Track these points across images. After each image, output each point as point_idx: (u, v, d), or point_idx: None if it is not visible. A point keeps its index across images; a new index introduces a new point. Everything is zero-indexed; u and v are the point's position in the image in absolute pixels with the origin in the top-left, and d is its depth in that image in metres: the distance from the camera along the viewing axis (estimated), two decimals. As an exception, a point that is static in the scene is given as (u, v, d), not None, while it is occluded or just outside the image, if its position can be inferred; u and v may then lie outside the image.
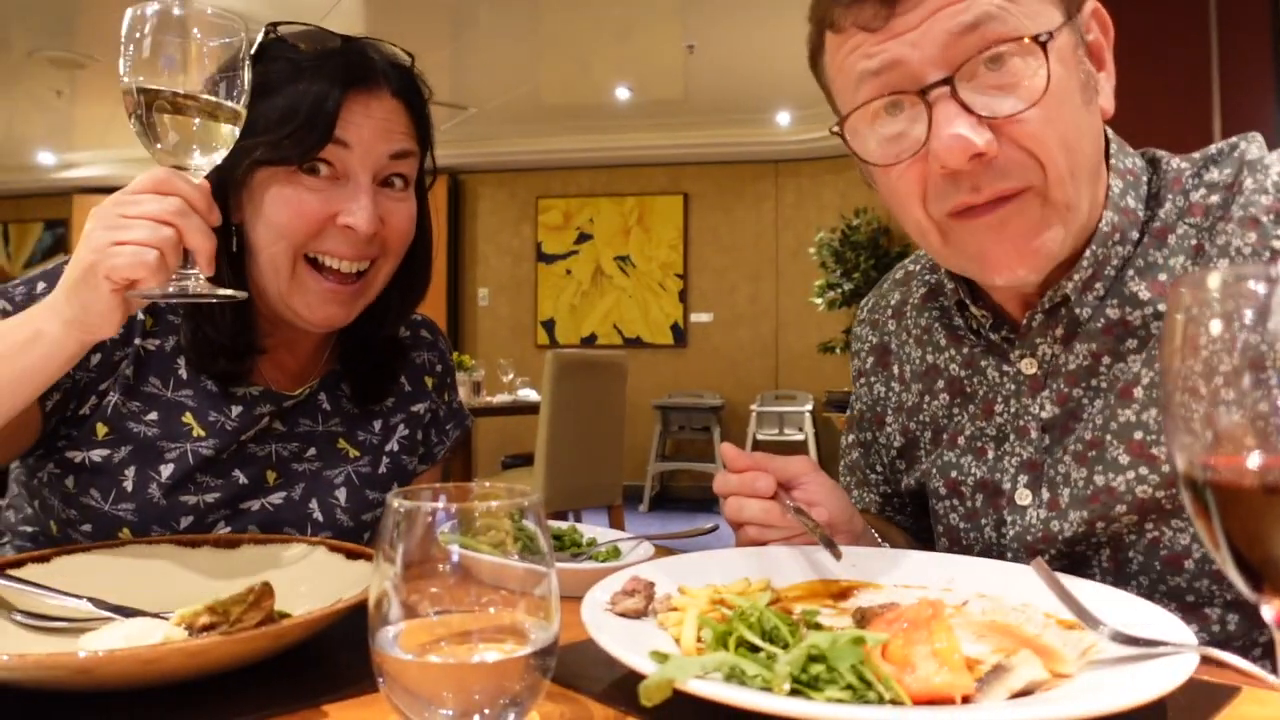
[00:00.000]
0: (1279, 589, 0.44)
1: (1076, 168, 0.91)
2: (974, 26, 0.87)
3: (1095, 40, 0.97)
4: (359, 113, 1.16)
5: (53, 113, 7.97)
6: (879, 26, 0.90)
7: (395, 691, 0.56)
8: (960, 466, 1.14)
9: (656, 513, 8.34)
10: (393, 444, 1.37)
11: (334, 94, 1.14)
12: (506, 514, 0.57)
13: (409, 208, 1.24)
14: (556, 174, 9.30)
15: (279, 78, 1.14)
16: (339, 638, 0.86)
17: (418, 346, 1.46)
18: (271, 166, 1.14)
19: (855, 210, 8.26)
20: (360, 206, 1.15)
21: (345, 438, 1.33)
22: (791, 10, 6.67)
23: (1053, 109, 0.88)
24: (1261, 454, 0.42)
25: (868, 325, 1.33)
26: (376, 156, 1.17)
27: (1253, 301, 0.43)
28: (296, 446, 1.29)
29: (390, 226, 1.20)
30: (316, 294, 1.18)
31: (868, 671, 0.62)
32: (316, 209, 1.15)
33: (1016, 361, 1.06)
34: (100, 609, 0.89)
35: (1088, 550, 1.03)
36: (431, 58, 7.17)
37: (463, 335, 9.48)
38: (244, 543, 1.05)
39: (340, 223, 1.15)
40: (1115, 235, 0.98)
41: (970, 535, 1.14)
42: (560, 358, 4.71)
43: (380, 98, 1.19)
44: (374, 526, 1.30)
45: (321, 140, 1.13)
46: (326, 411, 1.33)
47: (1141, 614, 0.77)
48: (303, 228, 1.15)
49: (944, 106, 0.88)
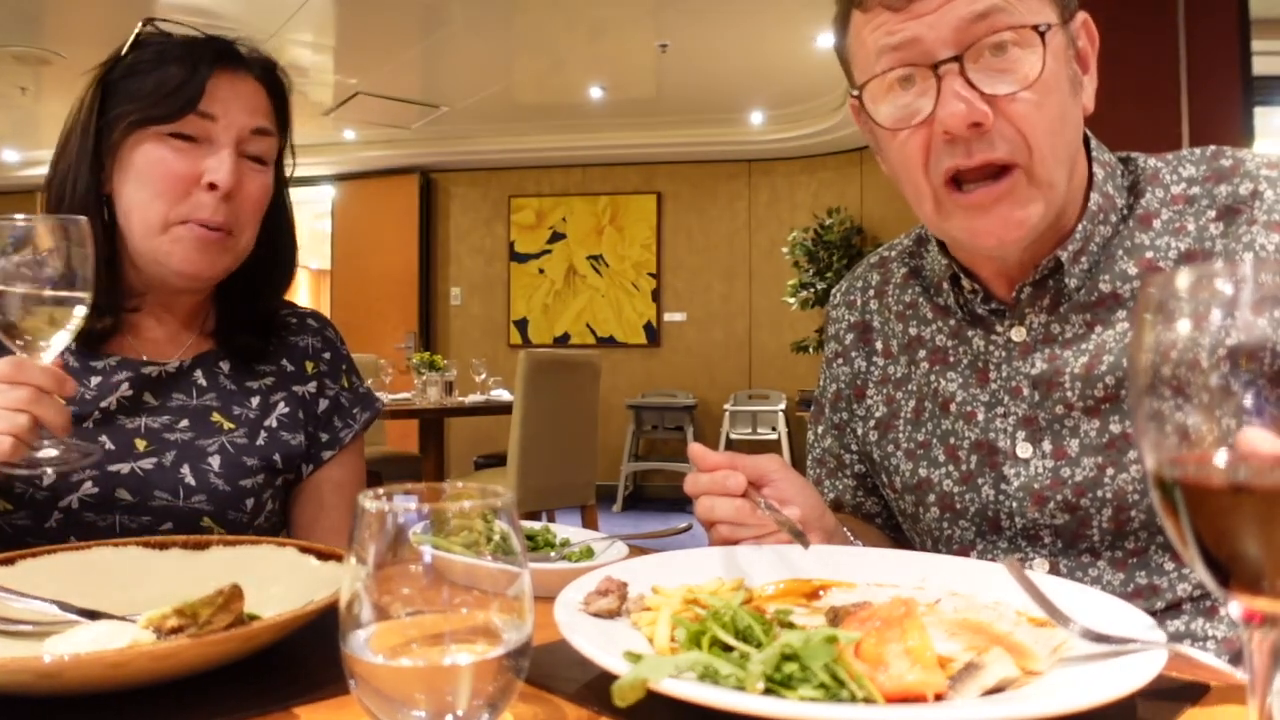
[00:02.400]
0: (1246, 586, 0.45)
1: (1058, 149, 1.03)
2: (984, 15, 0.99)
3: (1083, 47, 1.09)
4: (225, 88, 1.29)
5: (17, 110, 7.85)
6: (901, 7, 1.02)
7: (367, 694, 0.55)
8: (956, 431, 1.18)
9: (630, 513, 8.34)
10: (272, 420, 1.40)
11: (202, 69, 1.27)
12: (479, 514, 0.57)
13: (264, 180, 1.36)
14: (529, 173, 9.29)
15: (153, 59, 1.29)
16: (310, 640, 0.85)
17: (301, 331, 1.53)
18: (143, 129, 1.26)
19: (828, 210, 8.30)
20: (221, 163, 1.27)
21: (220, 411, 1.37)
22: (764, 11, 6.68)
23: (1043, 94, 1.01)
24: (1229, 453, 0.43)
25: (843, 307, 1.38)
26: (239, 127, 1.30)
27: (1221, 301, 0.43)
28: (168, 419, 1.33)
29: (246, 193, 1.32)
30: (187, 242, 1.28)
31: (841, 670, 0.62)
32: (183, 168, 1.26)
33: (1006, 330, 1.15)
34: (66, 612, 0.87)
35: (1092, 506, 1.07)
36: (403, 56, 7.13)
37: (435, 335, 9.45)
38: (213, 544, 1.04)
39: (204, 181, 1.26)
40: (1100, 215, 1.10)
41: (966, 498, 1.17)
42: (533, 357, 4.70)
43: (244, 78, 1.33)
44: (258, 494, 1.34)
45: (189, 103, 1.26)
46: (201, 387, 1.38)
47: (1111, 612, 0.77)
48: (170, 186, 1.26)
49: (951, 80, 1.00)
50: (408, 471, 5.79)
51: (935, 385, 1.22)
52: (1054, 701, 0.57)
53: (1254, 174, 1.06)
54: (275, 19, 6.15)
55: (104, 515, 1.24)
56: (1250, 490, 0.43)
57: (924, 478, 1.21)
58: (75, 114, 1.32)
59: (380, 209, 9.52)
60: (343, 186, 9.78)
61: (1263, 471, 0.42)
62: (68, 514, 1.22)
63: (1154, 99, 3.86)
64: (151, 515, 1.26)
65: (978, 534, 1.17)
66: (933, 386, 1.22)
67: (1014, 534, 1.13)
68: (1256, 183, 1.06)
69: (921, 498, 1.22)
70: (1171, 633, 1.05)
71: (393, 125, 8.64)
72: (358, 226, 9.73)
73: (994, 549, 1.15)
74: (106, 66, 1.32)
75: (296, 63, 7.17)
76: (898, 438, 1.25)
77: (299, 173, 1.50)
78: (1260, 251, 1.03)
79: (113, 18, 6.19)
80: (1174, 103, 3.88)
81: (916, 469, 1.22)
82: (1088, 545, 1.09)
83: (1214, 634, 1.05)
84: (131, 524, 1.25)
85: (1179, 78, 3.89)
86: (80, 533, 1.22)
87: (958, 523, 1.18)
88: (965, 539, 1.18)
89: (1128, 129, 1.52)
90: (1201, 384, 0.43)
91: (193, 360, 1.39)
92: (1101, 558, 1.09)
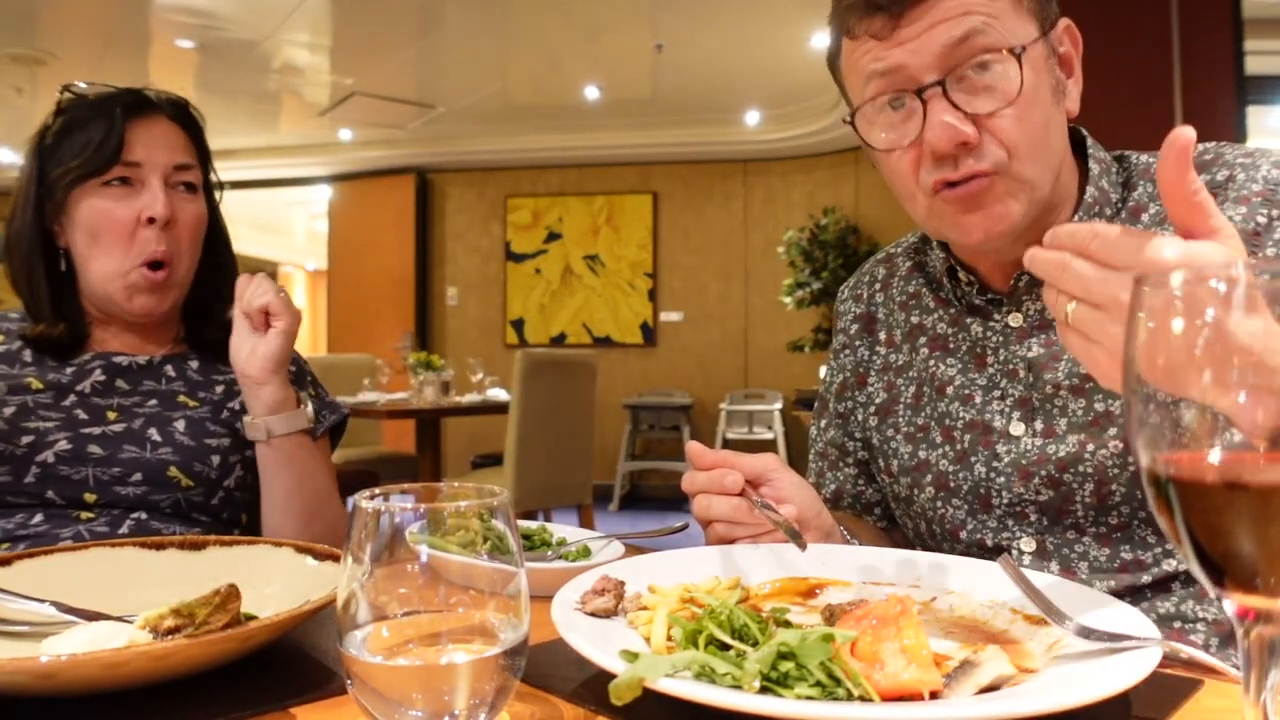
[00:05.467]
0: (1240, 584, 0.45)
1: (1039, 154, 1.08)
2: (964, 39, 1.04)
3: (1066, 52, 1.14)
4: (142, 133, 1.45)
5: (13, 110, 7.84)
6: (886, 35, 1.07)
7: (364, 693, 0.55)
8: (950, 413, 1.22)
9: (626, 512, 8.34)
10: (235, 403, 1.52)
11: (118, 121, 1.43)
12: (476, 514, 0.57)
13: (197, 208, 1.52)
14: (525, 173, 9.28)
15: (75, 121, 1.45)
16: (307, 640, 0.85)
17: None
18: (81, 185, 1.43)
19: (824, 209, 8.30)
20: (154, 198, 1.44)
21: (186, 394, 1.51)
22: (759, 11, 6.69)
23: (1025, 108, 1.05)
24: (1222, 450, 0.43)
25: (850, 300, 1.45)
26: (163, 166, 1.46)
27: (1214, 299, 0.43)
28: (138, 399, 1.47)
29: (181, 222, 1.48)
30: (138, 287, 1.46)
31: (837, 668, 0.63)
32: (124, 212, 1.44)
33: (1004, 317, 1.20)
34: (63, 613, 0.87)
35: (1074, 481, 1.10)
36: (399, 56, 7.14)
37: (431, 335, 9.44)
38: (209, 544, 1.04)
39: (144, 217, 1.43)
40: (1095, 208, 1.16)
41: (959, 476, 1.19)
42: (530, 357, 4.70)
43: (158, 121, 1.49)
44: (223, 453, 1.46)
45: (114, 155, 1.42)
46: (170, 377, 1.52)
47: (1106, 609, 0.78)
48: (117, 230, 1.44)
49: (936, 103, 1.05)
50: (404, 471, 5.79)
51: (934, 370, 1.26)
52: (1049, 699, 0.58)
53: (1230, 161, 1.11)
54: (271, 19, 6.14)
55: (77, 469, 1.35)
56: (1244, 487, 0.43)
57: (922, 459, 1.24)
58: (20, 182, 1.49)
59: (376, 209, 9.51)
60: (339, 187, 9.77)
61: (1257, 468, 0.42)
62: (44, 468, 1.34)
63: (1148, 98, 3.87)
64: (121, 466, 1.37)
65: (968, 513, 1.19)
66: (931, 371, 1.26)
67: (1002, 512, 1.16)
68: (1232, 169, 1.10)
69: (918, 479, 1.24)
70: (1162, 613, 1.07)
71: (389, 125, 8.64)
72: (354, 227, 9.72)
73: (983, 528, 1.18)
74: (39, 136, 1.48)
75: (293, 63, 7.17)
76: (897, 422, 1.29)
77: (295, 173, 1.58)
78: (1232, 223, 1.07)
79: (107, 18, 6.19)
80: (1168, 102, 3.89)
81: (916, 451, 1.25)
82: (1072, 521, 1.12)
83: (1204, 616, 1.06)
84: (103, 475, 1.36)
85: (1173, 77, 3.90)
86: (56, 486, 1.35)
87: (950, 501, 1.20)
88: (956, 518, 1.20)
89: (1122, 128, 1.54)
90: (1195, 381, 0.43)
91: (163, 357, 1.54)
92: (1086, 534, 1.11)
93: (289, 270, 16.31)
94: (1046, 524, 1.13)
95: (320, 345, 11.99)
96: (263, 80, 7.55)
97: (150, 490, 1.38)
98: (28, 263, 1.48)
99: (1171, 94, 3.91)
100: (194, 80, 7.51)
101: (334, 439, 1.63)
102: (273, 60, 7.05)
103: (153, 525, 1.37)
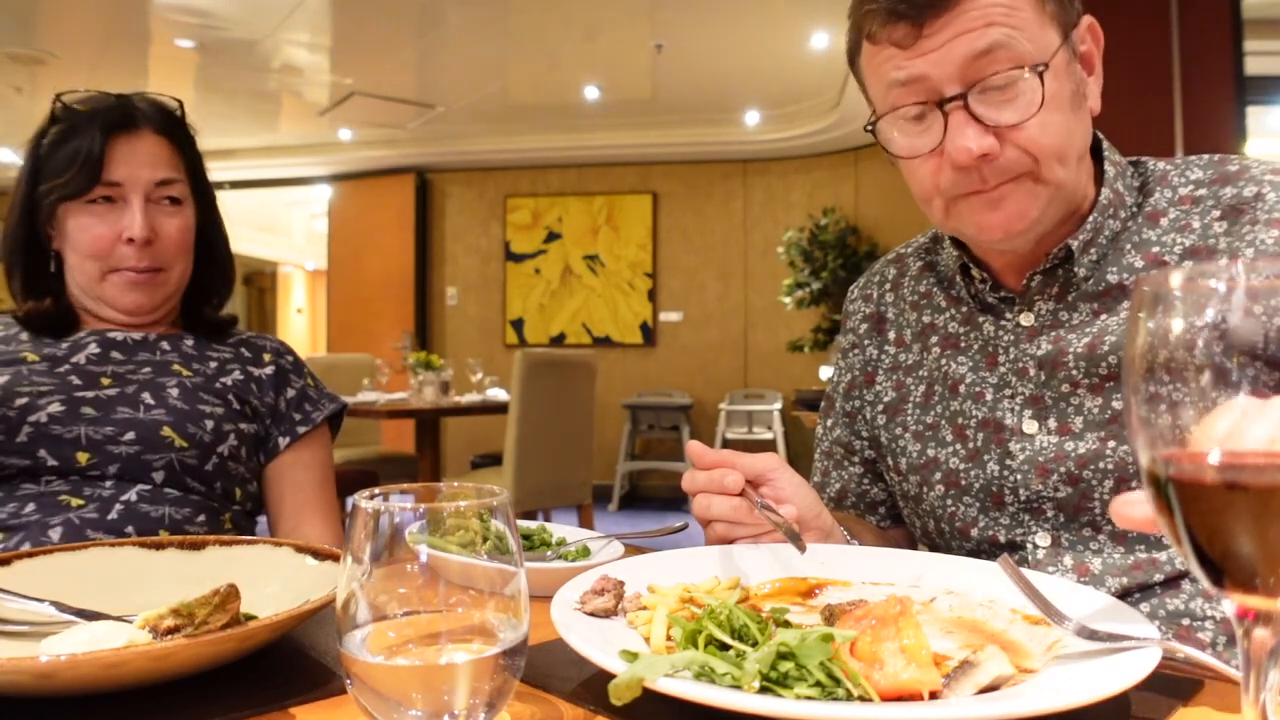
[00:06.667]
0: (1240, 584, 0.45)
1: (1064, 159, 1.08)
2: (987, 51, 1.03)
3: (1087, 50, 1.13)
4: (123, 151, 1.48)
5: (13, 110, 7.84)
6: (909, 45, 1.06)
7: (364, 693, 0.55)
8: (964, 411, 1.22)
9: (626, 512, 8.34)
10: (227, 379, 1.56)
11: (99, 141, 1.46)
12: (475, 514, 0.57)
13: (181, 220, 1.55)
14: (525, 173, 9.28)
15: (65, 133, 1.48)
16: (307, 640, 0.85)
17: (263, 342, 1.70)
18: (67, 201, 1.48)
19: (823, 209, 8.30)
20: (134, 221, 1.48)
21: (180, 364, 1.55)
22: (759, 11, 6.68)
23: (1046, 118, 1.05)
24: (1222, 450, 0.43)
25: (859, 300, 1.45)
26: (144, 184, 1.50)
27: (1214, 300, 0.43)
28: (132, 368, 1.51)
29: (165, 235, 1.52)
30: (121, 286, 1.51)
31: (836, 668, 0.63)
32: (104, 230, 1.49)
33: (1015, 316, 1.20)
34: (63, 612, 0.88)
35: (1093, 478, 1.10)
36: (399, 56, 7.14)
37: (431, 335, 9.44)
38: (209, 544, 1.04)
39: (123, 237, 1.48)
40: (1110, 209, 1.15)
41: (971, 474, 1.20)
42: (529, 357, 4.70)
43: (142, 137, 1.51)
44: (217, 420, 1.48)
45: (95, 177, 1.46)
46: (164, 350, 1.57)
47: (1106, 609, 0.78)
48: (97, 246, 1.49)
49: (957, 116, 1.05)
50: (404, 471, 5.78)
51: (945, 369, 1.26)
52: (1049, 699, 0.58)
53: (1259, 178, 1.10)
54: (271, 19, 6.14)
55: (69, 428, 1.38)
56: (1243, 488, 0.43)
57: (931, 457, 1.24)
58: (16, 185, 1.53)
59: (376, 209, 9.51)
60: (339, 186, 9.77)
61: (1256, 469, 0.42)
62: (37, 428, 1.37)
63: (1148, 99, 3.87)
64: (114, 426, 1.40)
65: (980, 510, 1.19)
66: (943, 370, 1.26)
67: (1017, 509, 1.16)
68: (1260, 186, 1.10)
69: (927, 477, 1.24)
70: (1171, 611, 1.06)
71: (388, 125, 8.63)
72: (354, 226, 9.72)
73: (995, 525, 1.18)
74: (35, 143, 1.52)
75: (292, 63, 7.17)
76: (906, 420, 1.29)
77: (295, 173, 1.60)
78: (1260, 247, 1.06)
79: (107, 18, 6.18)
80: (1167, 102, 3.89)
81: (925, 449, 1.25)
82: (1089, 519, 1.11)
83: (1213, 614, 1.06)
84: (95, 434, 1.39)
85: (1172, 78, 3.90)
86: (49, 445, 1.37)
87: (961, 499, 1.20)
88: (968, 516, 1.20)
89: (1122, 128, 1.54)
90: (1195, 382, 0.43)
91: (158, 335, 1.58)
92: (1102, 531, 1.11)
93: (289, 270, 16.31)
94: (1063, 520, 1.13)
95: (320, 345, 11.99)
96: (262, 80, 7.55)
97: (143, 450, 1.39)
98: (23, 262, 1.54)
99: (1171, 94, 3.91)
100: (194, 80, 7.51)
101: (333, 429, 1.69)
102: (272, 60, 7.05)
103: (143, 509, 1.37)
